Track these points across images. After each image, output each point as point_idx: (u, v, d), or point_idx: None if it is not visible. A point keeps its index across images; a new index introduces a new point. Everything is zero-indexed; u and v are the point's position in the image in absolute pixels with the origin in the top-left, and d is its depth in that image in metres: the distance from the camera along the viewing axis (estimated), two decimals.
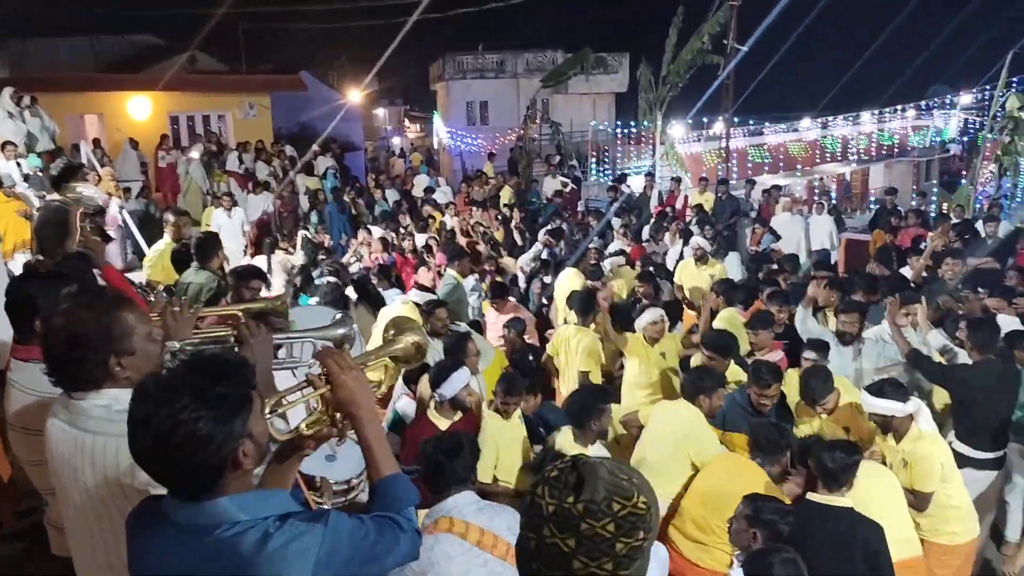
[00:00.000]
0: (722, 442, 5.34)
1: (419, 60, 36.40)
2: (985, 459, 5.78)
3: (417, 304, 7.68)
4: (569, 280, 9.43)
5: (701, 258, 10.07)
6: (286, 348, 3.29)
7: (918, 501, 4.90)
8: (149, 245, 10.53)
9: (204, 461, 1.87)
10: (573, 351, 7.32)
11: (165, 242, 7.73)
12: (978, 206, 15.56)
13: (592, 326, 7.50)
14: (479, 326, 8.02)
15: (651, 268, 10.21)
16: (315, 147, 20.24)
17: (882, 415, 5.10)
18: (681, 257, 11.24)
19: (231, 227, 13.38)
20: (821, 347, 6.39)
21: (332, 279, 9.02)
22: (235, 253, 11.76)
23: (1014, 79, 16.70)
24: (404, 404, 5.94)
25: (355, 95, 26.84)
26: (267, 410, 2.08)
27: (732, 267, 10.79)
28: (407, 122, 49.26)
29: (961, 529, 5.12)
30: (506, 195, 17.91)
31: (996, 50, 17.08)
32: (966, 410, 5.91)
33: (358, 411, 2.18)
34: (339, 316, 3.41)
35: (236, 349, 2.86)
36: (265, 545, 1.85)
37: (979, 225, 12.04)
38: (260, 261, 10.35)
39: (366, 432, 2.18)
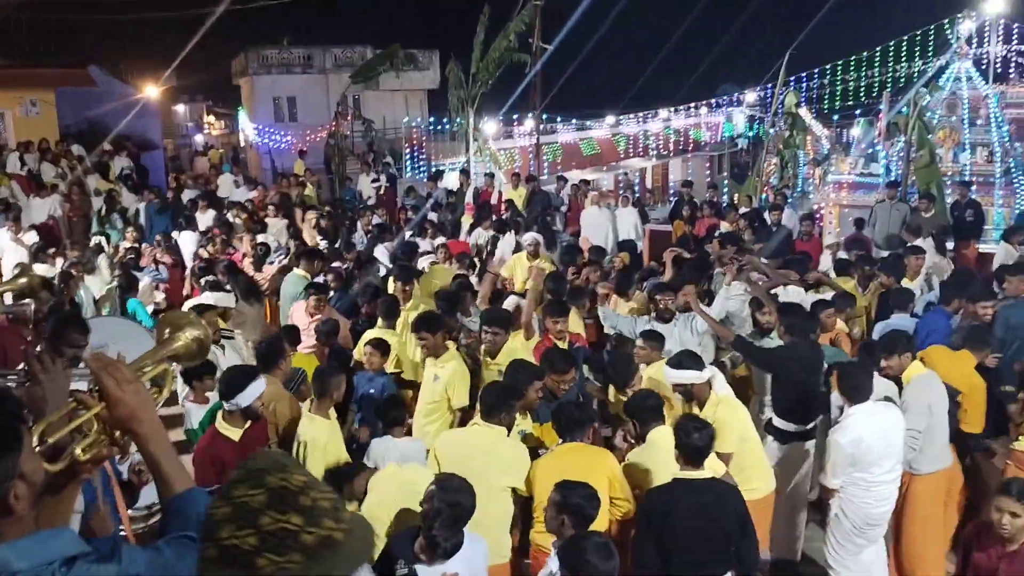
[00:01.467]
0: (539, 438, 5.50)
1: (221, 54, 34.90)
2: (801, 431, 6.21)
3: (209, 306, 7.42)
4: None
5: (535, 252, 10.26)
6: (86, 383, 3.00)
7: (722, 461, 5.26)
8: None
9: None
10: None
11: None
12: (764, 196, 16.81)
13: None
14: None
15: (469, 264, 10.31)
16: (106, 145, 18.94)
17: (684, 384, 5.48)
18: (518, 249, 11.38)
19: (17, 252, 12.02)
20: (654, 337, 6.62)
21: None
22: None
23: (791, 78, 18.17)
24: (191, 408, 5.73)
25: (151, 90, 25.35)
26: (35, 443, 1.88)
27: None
28: (210, 119, 47.10)
29: (760, 485, 5.57)
30: (309, 193, 17.41)
31: (776, 51, 18.49)
32: (782, 388, 6.30)
33: (140, 427, 1.99)
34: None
35: (25, 386, 2.54)
36: None
37: (766, 214, 13.02)
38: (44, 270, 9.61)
39: (152, 449, 2.00)
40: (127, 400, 1.99)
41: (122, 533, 3.33)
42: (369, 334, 7.46)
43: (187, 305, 8.16)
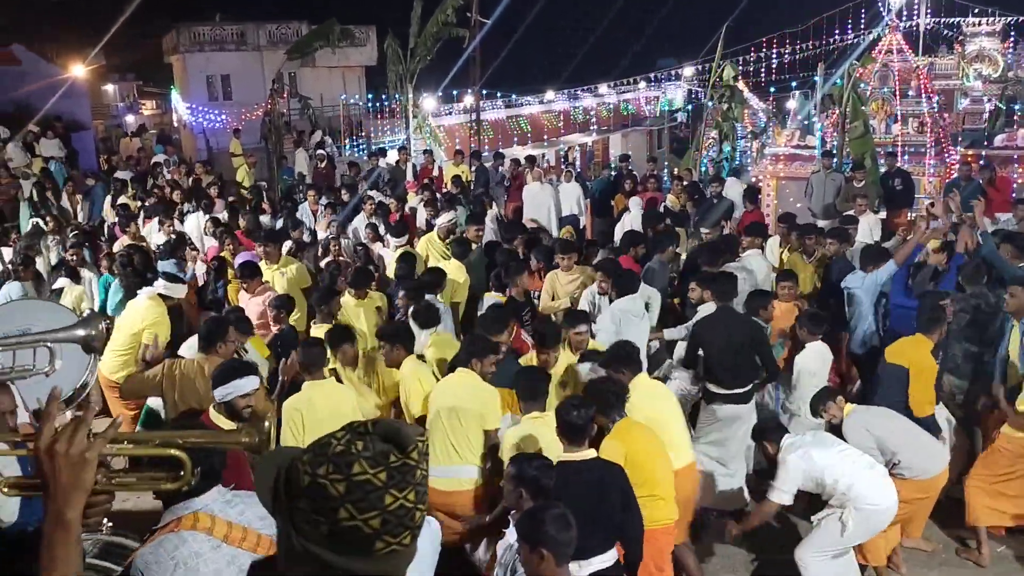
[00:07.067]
0: None
1: (151, 31, 33.95)
2: (732, 394, 6.41)
3: (164, 296, 7.23)
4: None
5: (449, 231, 10.21)
6: (12, 355, 2.87)
7: None
8: None
9: None
10: None
11: None
12: (703, 169, 16.97)
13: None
14: None
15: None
16: (32, 127, 18.33)
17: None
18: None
19: None
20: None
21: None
22: None
23: (728, 51, 18.36)
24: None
25: (79, 70, 24.60)
26: None
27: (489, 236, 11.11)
28: (141, 98, 45.82)
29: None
30: (242, 175, 17.12)
31: (713, 24, 18.61)
32: (709, 354, 6.50)
33: (53, 504, 1.69)
34: (87, 314, 3.06)
35: None
36: None
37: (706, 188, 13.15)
38: None
39: (53, 532, 1.68)
40: (60, 470, 1.69)
41: None
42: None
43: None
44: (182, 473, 1.90)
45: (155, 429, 5.23)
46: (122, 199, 14.06)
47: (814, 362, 6.72)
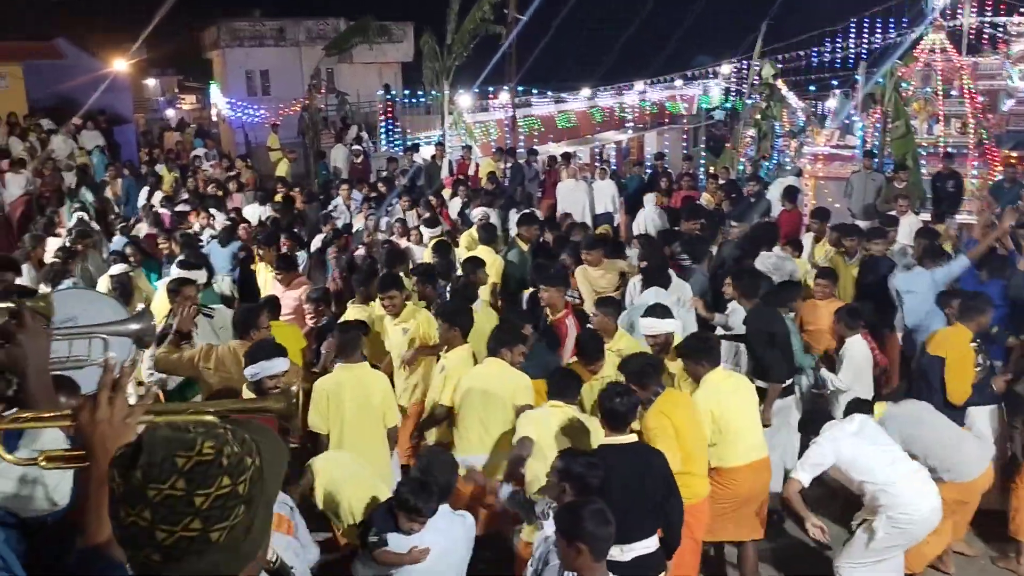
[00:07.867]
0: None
1: (192, 27, 34.36)
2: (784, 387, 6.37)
3: (187, 280, 7.35)
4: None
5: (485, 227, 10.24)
6: (68, 344, 2.90)
7: None
8: None
9: None
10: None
11: None
12: (741, 168, 16.84)
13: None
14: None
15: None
16: (75, 120, 18.66)
17: (664, 333, 5.85)
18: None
19: None
20: (609, 304, 6.72)
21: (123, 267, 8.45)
22: None
23: (768, 48, 18.18)
24: None
25: (121, 64, 24.98)
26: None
27: None
28: (181, 93, 46.43)
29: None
30: (282, 169, 17.31)
31: (751, 21, 18.45)
32: (751, 350, 6.48)
33: (98, 470, 1.72)
34: (140, 309, 3.13)
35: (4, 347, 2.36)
36: None
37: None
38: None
39: (100, 493, 1.67)
40: (100, 434, 1.74)
41: None
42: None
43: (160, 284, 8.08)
44: None
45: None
46: (159, 193, 14.25)
47: (860, 356, 6.68)
